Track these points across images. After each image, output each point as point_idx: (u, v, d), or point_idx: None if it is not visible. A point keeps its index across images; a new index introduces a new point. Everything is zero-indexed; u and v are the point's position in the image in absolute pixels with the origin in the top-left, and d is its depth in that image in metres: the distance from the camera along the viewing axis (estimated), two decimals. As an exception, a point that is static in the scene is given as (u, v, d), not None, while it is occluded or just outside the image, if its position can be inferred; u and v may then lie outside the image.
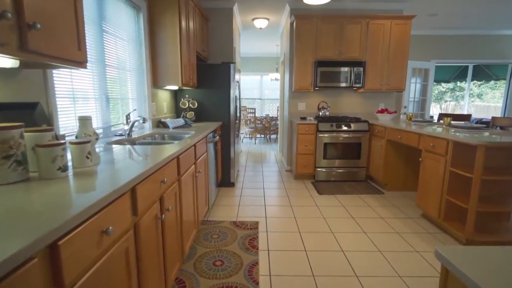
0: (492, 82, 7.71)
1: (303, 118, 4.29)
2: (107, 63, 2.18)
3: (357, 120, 4.05)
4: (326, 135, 4.01)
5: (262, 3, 4.31)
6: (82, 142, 1.17)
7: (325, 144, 4.03)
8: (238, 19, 5.13)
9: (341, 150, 4.05)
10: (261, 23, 5.11)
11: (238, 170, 4.62)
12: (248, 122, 7.72)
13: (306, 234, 2.52)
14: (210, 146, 2.98)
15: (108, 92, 2.21)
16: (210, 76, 3.67)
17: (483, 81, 7.70)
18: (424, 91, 6.12)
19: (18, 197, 0.83)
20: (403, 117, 5.59)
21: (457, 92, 8.75)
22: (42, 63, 1.13)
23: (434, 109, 8.42)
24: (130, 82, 2.63)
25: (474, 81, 7.46)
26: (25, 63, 1.14)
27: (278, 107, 6.84)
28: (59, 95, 1.65)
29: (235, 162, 3.97)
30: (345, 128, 4.00)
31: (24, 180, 1.00)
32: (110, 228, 0.87)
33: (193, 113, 3.58)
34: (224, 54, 4.44)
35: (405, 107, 5.89)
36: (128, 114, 2.23)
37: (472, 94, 8.35)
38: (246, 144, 7.58)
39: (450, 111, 9.20)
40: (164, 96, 3.36)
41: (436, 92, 8.40)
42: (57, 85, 1.63)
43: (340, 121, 4.01)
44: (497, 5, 4.43)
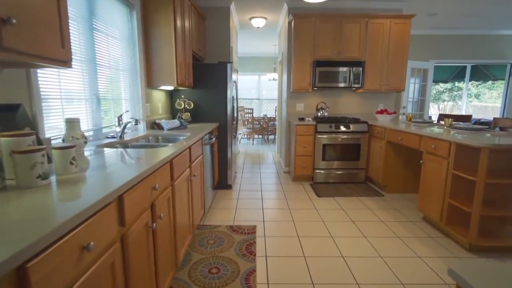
0: (490, 82, 7.69)
1: (302, 119, 4.22)
2: (98, 62, 2.10)
3: (357, 121, 3.98)
4: (325, 136, 3.93)
5: (260, 2, 4.24)
6: (66, 147, 1.08)
7: (324, 146, 3.95)
8: (235, 18, 5.05)
9: (340, 152, 3.98)
10: (259, 22, 5.03)
11: (236, 172, 4.54)
12: (246, 123, 7.64)
13: (305, 239, 2.45)
14: (206, 148, 2.90)
15: (99, 93, 2.12)
16: (207, 76, 3.59)
17: (481, 81, 7.67)
18: (423, 92, 6.07)
19: (-12, 210, 0.75)
20: (403, 118, 5.54)
21: (455, 92, 8.73)
22: (22, 62, 1.05)
23: (432, 109, 8.40)
24: (123, 82, 2.54)
25: (472, 82, 7.43)
26: (3, 62, 1.06)
27: (276, 107, 6.77)
28: (46, 96, 1.57)
29: (232, 164, 3.89)
30: (344, 129, 3.93)
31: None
32: (92, 244, 0.79)
33: (189, 114, 3.49)
34: (221, 54, 4.36)
35: (404, 108, 5.84)
36: (120, 116, 2.14)
37: (470, 94, 8.33)
38: (244, 145, 7.50)
39: (448, 111, 9.18)
40: (159, 97, 3.27)
41: (434, 92, 8.38)
42: (43, 86, 1.54)
43: (339, 122, 3.94)
44: (497, 5, 4.38)
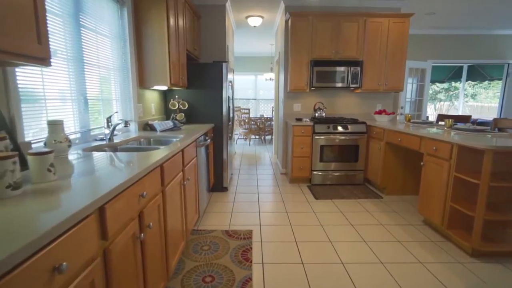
0: (486, 82, 7.68)
1: (299, 119, 4.14)
2: (86, 61, 1.99)
3: (355, 122, 3.91)
4: (323, 137, 3.86)
5: (256, 0, 4.15)
6: (42, 153, 0.99)
7: (322, 147, 3.88)
8: (231, 17, 4.95)
9: (338, 153, 3.91)
10: (255, 21, 4.94)
11: (232, 174, 4.45)
12: (242, 123, 7.55)
13: (303, 244, 2.37)
14: (201, 150, 2.80)
15: (87, 93, 2.02)
16: (202, 76, 3.50)
17: (477, 81, 7.66)
18: (421, 92, 6.03)
19: None
20: (401, 118, 5.48)
21: (451, 92, 8.72)
22: (-7, 59, 0.95)
23: (428, 109, 8.37)
24: (114, 82, 2.44)
25: (469, 82, 7.42)
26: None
27: (273, 108, 6.69)
28: (27, 97, 1.46)
29: (228, 166, 3.79)
30: (342, 130, 3.85)
31: (-36, 202, 0.82)
32: (64, 264, 0.70)
33: (183, 115, 3.39)
34: (217, 53, 4.27)
35: (402, 108, 5.79)
36: (109, 117, 2.04)
37: (466, 95, 8.32)
38: (240, 146, 7.41)
39: (444, 111, 9.17)
40: (152, 97, 3.17)
41: (430, 92, 8.36)
42: (24, 85, 1.44)
43: (337, 123, 3.87)
44: (495, 5, 4.34)
